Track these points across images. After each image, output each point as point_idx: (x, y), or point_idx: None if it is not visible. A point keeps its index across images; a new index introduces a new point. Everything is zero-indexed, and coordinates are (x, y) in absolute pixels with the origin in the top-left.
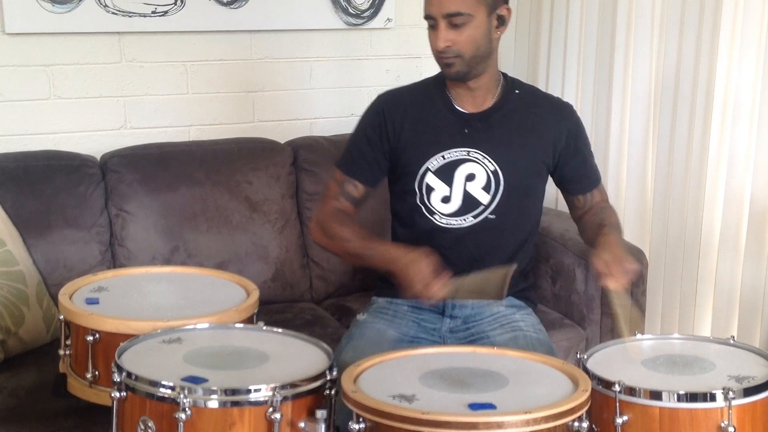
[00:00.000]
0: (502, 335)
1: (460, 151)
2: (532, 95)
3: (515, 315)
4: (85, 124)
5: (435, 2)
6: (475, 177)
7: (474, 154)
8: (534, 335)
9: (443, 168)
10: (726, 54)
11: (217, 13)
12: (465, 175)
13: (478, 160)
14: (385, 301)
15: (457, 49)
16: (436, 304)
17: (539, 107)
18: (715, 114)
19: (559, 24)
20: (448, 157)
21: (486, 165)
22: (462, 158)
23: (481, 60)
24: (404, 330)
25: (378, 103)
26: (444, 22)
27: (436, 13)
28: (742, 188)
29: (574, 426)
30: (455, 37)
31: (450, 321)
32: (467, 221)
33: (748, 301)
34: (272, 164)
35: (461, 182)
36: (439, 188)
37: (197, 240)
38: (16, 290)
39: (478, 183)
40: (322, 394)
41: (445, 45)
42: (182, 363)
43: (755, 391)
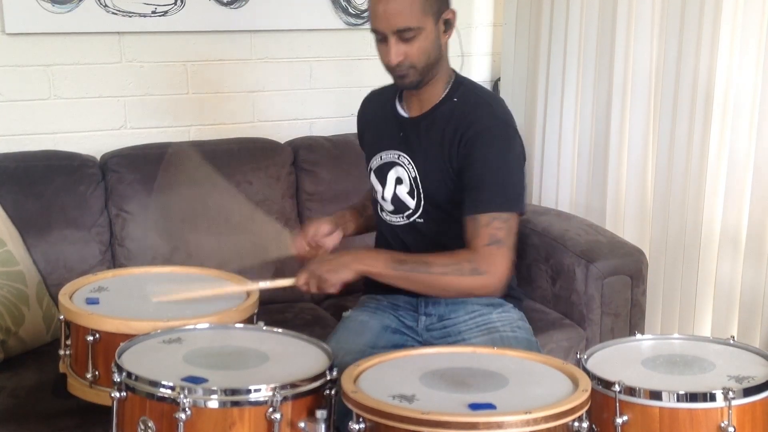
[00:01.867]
0: (477, 337)
1: (392, 154)
2: (466, 103)
3: (492, 314)
4: (85, 124)
5: (382, 18)
6: (402, 181)
7: (402, 158)
8: (511, 334)
9: (380, 168)
10: (726, 54)
11: (217, 13)
12: (395, 178)
13: (404, 165)
14: (367, 297)
15: (410, 61)
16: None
17: (460, 113)
18: (715, 114)
19: (559, 24)
20: (384, 158)
21: (409, 170)
22: (393, 161)
23: (433, 66)
24: (386, 322)
25: (361, 104)
26: (394, 37)
27: (384, 29)
28: (742, 188)
29: (574, 426)
30: (407, 50)
31: (425, 318)
32: (402, 220)
33: (748, 301)
34: (272, 164)
35: (392, 185)
36: (377, 187)
37: (197, 240)
38: (16, 290)
39: (404, 188)
40: (322, 394)
41: (398, 60)
42: (182, 363)
43: (755, 391)
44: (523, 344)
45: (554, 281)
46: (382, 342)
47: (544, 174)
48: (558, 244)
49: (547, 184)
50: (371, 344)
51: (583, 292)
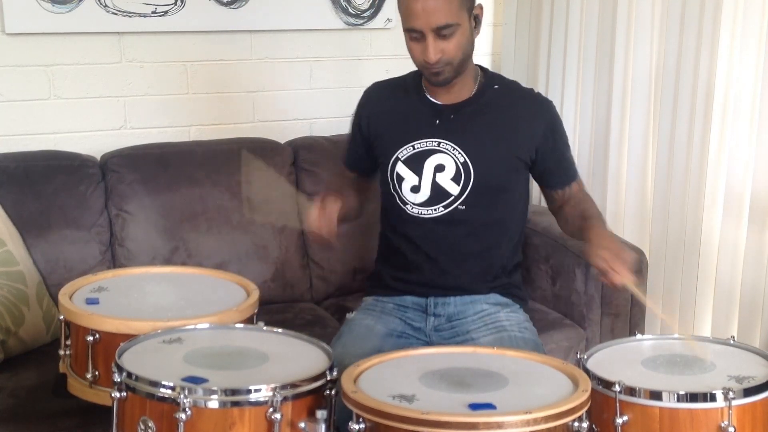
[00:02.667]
0: (485, 336)
1: (430, 142)
2: (511, 91)
3: (500, 314)
4: (85, 124)
5: (421, 16)
6: (445, 168)
7: (444, 145)
8: (519, 335)
9: (413, 158)
10: (726, 54)
11: (217, 13)
12: (434, 165)
13: (447, 151)
14: (372, 299)
15: (447, 58)
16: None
17: (517, 103)
18: (716, 114)
19: (559, 24)
20: (417, 147)
21: (456, 156)
22: (432, 149)
23: (466, 62)
24: (392, 326)
25: (362, 97)
26: (432, 34)
27: (423, 27)
28: (743, 188)
29: (574, 426)
30: (444, 46)
31: (434, 319)
32: (438, 211)
33: (748, 301)
34: (272, 164)
35: (430, 173)
36: (409, 178)
37: (197, 240)
38: (16, 290)
39: (447, 174)
40: (322, 394)
41: (437, 57)
42: (182, 363)
43: (755, 392)
44: (530, 345)
45: (554, 281)
46: (387, 347)
47: None
48: (558, 244)
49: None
50: (377, 349)
51: (583, 292)
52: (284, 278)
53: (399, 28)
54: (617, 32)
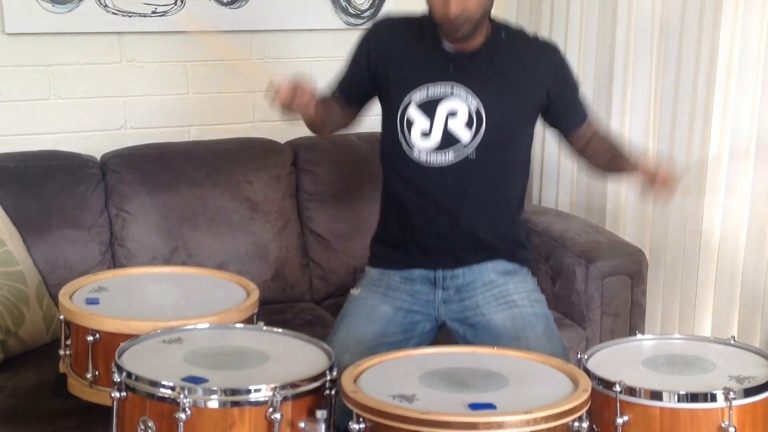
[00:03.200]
0: (497, 313)
1: (444, 86)
2: (518, 38)
3: (508, 285)
4: (85, 124)
5: None
6: (457, 114)
7: (457, 89)
8: (530, 310)
9: (426, 103)
10: (726, 54)
11: (217, 13)
12: (447, 111)
13: (461, 97)
14: (378, 272)
15: (467, 14)
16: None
17: (524, 48)
18: (715, 114)
19: (559, 24)
20: (431, 91)
21: (469, 101)
22: (445, 93)
23: (483, 19)
24: (398, 303)
25: (370, 29)
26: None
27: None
28: (743, 188)
29: (574, 426)
30: (466, 1)
31: (443, 292)
32: (448, 158)
33: (748, 301)
34: (272, 164)
35: (443, 118)
36: (420, 122)
37: (197, 240)
38: (16, 290)
39: (460, 120)
40: (322, 394)
41: (458, 11)
42: (182, 363)
43: (756, 392)
44: (542, 321)
45: (554, 281)
46: (393, 328)
47: (544, 174)
48: (558, 244)
49: (547, 184)
50: (382, 332)
51: (583, 292)
52: (284, 278)
53: None
54: (617, 32)
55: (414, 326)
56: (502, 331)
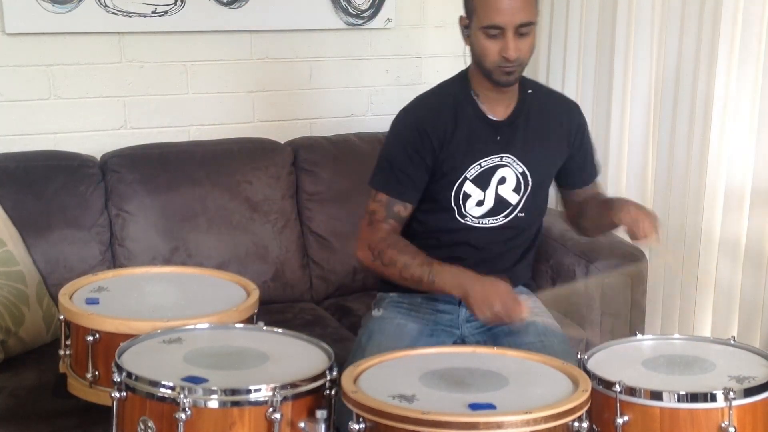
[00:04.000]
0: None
1: (495, 159)
2: (542, 94)
3: (528, 302)
4: (85, 124)
5: (507, 13)
6: (506, 180)
7: (506, 159)
8: (549, 320)
9: (480, 175)
10: (726, 54)
11: (217, 13)
12: (498, 179)
13: (509, 164)
14: (398, 295)
15: (522, 57)
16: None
17: (551, 106)
18: (715, 114)
19: (559, 24)
20: (484, 165)
21: (515, 168)
22: (497, 165)
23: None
24: (423, 323)
25: (412, 118)
26: (513, 31)
27: (507, 24)
28: (743, 188)
29: (574, 426)
30: (521, 45)
31: (465, 310)
32: (498, 221)
33: (748, 301)
34: (272, 164)
35: (494, 187)
36: (475, 194)
37: (197, 240)
38: (16, 290)
39: (509, 185)
40: (322, 394)
41: (517, 55)
42: (182, 363)
43: (756, 392)
44: (559, 333)
45: (554, 281)
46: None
47: None
48: (558, 244)
49: None
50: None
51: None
52: (284, 278)
53: (399, 29)
54: (617, 32)
55: (439, 345)
56: (523, 336)
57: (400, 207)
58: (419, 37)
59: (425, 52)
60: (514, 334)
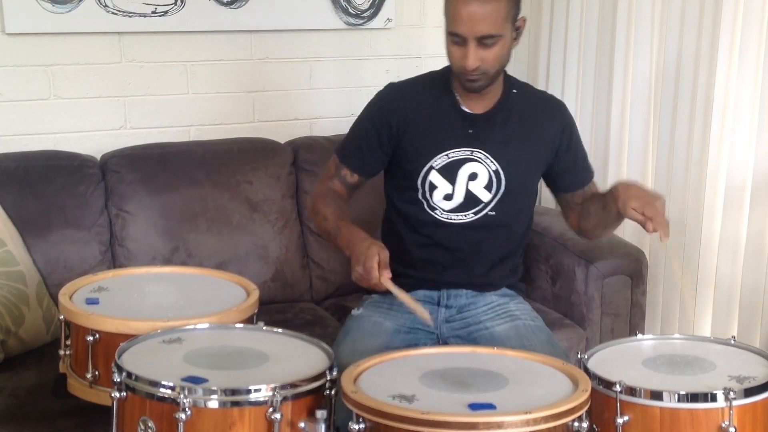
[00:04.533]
0: (500, 325)
1: (464, 151)
2: (528, 94)
3: (509, 304)
4: (85, 124)
5: (466, 23)
6: (478, 176)
7: (477, 153)
8: (532, 323)
9: (447, 167)
10: (726, 53)
11: (217, 13)
12: (468, 174)
13: (480, 160)
14: (379, 296)
15: (485, 67)
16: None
17: (536, 106)
18: (715, 113)
19: (559, 24)
20: (452, 156)
21: (488, 164)
22: (465, 158)
23: (500, 72)
24: (401, 321)
25: (384, 96)
26: (474, 42)
27: (467, 33)
28: (743, 188)
29: (574, 426)
30: (484, 55)
31: (445, 311)
32: (468, 217)
33: (748, 301)
34: (272, 164)
35: (464, 181)
36: (442, 186)
37: (197, 240)
38: (16, 290)
39: (480, 182)
40: (322, 394)
41: (476, 65)
42: (182, 363)
43: (756, 392)
44: (544, 333)
45: (554, 281)
46: (396, 342)
47: None
48: (558, 244)
49: None
50: (386, 346)
51: (583, 292)
52: (284, 278)
53: (399, 29)
54: (617, 32)
55: (416, 342)
56: (505, 341)
57: (346, 171)
58: (419, 37)
59: (425, 52)
60: (495, 338)
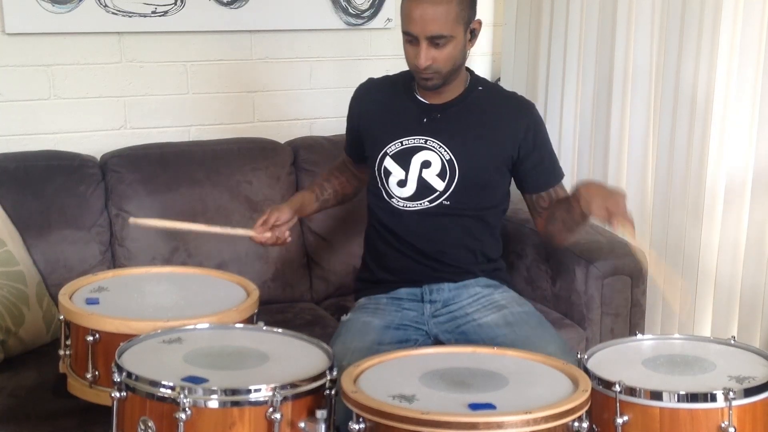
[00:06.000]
0: (487, 315)
1: (418, 139)
2: (494, 92)
3: (494, 294)
4: (85, 124)
5: (418, 23)
6: (431, 164)
7: (431, 142)
8: (519, 309)
9: (400, 153)
10: (726, 53)
11: (217, 13)
12: (421, 161)
13: (434, 149)
14: (366, 299)
15: (437, 66)
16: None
17: (499, 104)
18: (716, 114)
19: (559, 24)
20: (405, 144)
21: (442, 154)
22: (419, 146)
23: (455, 71)
24: (388, 319)
25: (357, 90)
26: (425, 42)
27: (418, 33)
28: (742, 188)
29: (574, 426)
30: (436, 55)
31: (430, 306)
32: (423, 205)
33: (748, 301)
34: (272, 164)
35: (417, 168)
36: (396, 172)
37: (197, 240)
38: (16, 290)
39: (433, 170)
40: (322, 394)
41: (427, 64)
42: (182, 363)
43: (756, 392)
44: (534, 318)
45: (554, 281)
46: (387, 339)
47: None
48: None
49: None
50: (377, 341)
51: (583, 292)
52: (284, 278)
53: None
54: (617, 32)
55: (407, 339)
56: (495, 330)
57: (344, 154)
58: None
59: None
60: (484, 329)
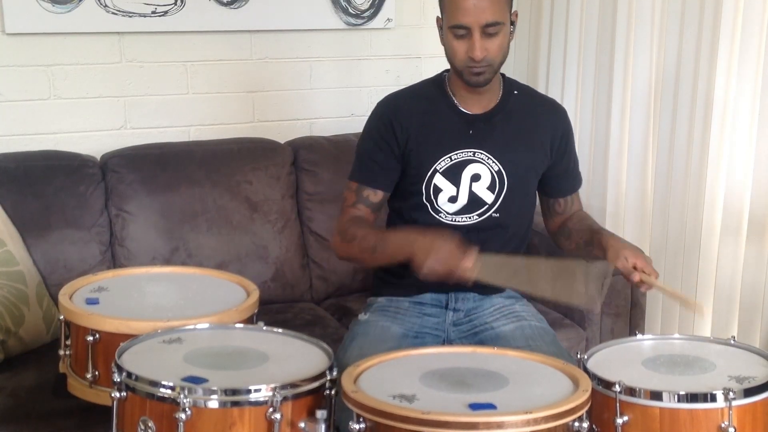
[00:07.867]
0: (506, 325)
1: (466, 152)
2: (529, 96)
3: (515, 306)
4: (85, 124)
5: (472, 12)
6: (481, 177)
7: (479, 155)
8: (537, 324)
9: (450, 168)
10: (726, 53)
11: (217, 13)
12: (471, 175)
13: (482, 161)
14: (386, 300)
15: (490, 58)
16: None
17: (537, 108)
18: (715, 114)
19: (559, 24)
20: (455, 158)
21: (490, 165)
22: (468, 159)
23: (501, 65)
24: (408, 326)
25: (382, 110)
26: (479, 31)
27: (472, 23)
28: (743, 188)
29: (574, 426)
30: (488, 45)
31: (453, 314)
32: (472, 219)
33: (748, 301)
34: (272, 164)
35: (467, 182)
36: (447, 189)
37: (197, 240)
38: (16, 290)
39: (483, 183)
40: (322, 394)
41: (483, 55)
42: (182, 363)
43: (756, 392)
44: (549, 335)
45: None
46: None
47: None
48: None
49: None
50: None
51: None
52: (284, 278)
53: (399, 29)
54: (617, 32)
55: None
56: (511, 341)
57: (369, 192)
58: (419, 37)
59: (425, 52)
60: (501, 338)
